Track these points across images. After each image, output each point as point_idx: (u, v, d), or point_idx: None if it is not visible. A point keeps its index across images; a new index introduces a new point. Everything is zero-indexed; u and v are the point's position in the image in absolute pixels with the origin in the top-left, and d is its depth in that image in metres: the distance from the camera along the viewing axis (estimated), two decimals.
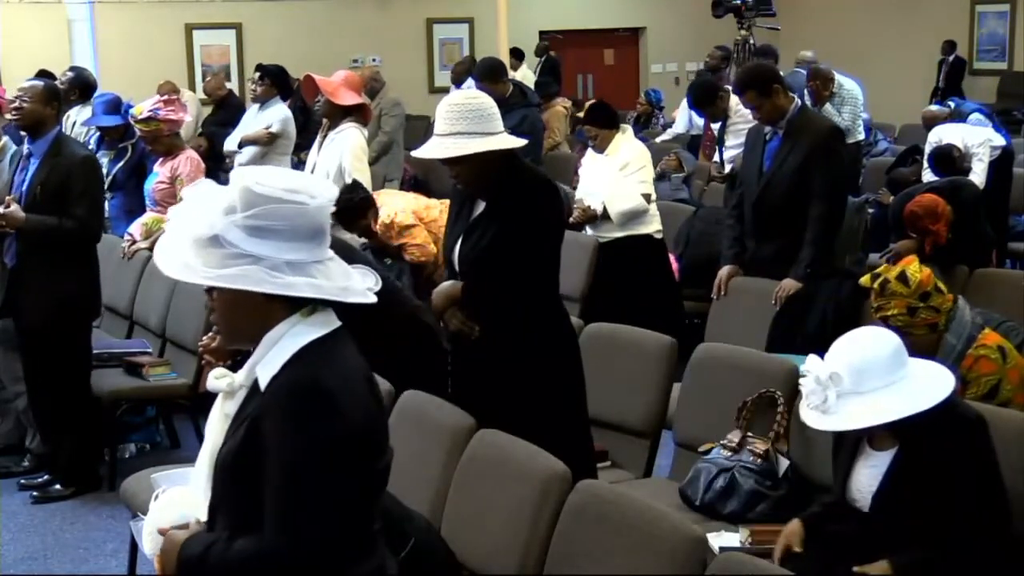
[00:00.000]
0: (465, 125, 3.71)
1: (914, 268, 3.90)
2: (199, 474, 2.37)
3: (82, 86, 8.40)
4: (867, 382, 3.10)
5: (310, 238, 2.24)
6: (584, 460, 3.93)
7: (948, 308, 3.92)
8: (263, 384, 2.23)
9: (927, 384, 3.13)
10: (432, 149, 3.78)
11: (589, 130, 6.81)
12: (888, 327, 3.92)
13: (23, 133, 5.52)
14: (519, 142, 3.87)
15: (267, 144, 8.15)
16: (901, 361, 3.16)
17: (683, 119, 10.87)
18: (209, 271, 2.19)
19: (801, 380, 3.24)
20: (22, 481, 5.64)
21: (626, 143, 6.71)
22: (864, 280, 4.02)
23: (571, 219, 6.71)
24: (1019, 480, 3.36)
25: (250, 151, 8.16)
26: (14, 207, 5.27)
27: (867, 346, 3.16)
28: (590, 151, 6.93)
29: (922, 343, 3.83)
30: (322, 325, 2.28)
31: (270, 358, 2.24)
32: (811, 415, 3.18)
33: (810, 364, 3.22)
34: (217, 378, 2.33)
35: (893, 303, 3.87)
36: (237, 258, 2.19)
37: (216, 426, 2.35)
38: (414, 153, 3.91)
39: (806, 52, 11.41)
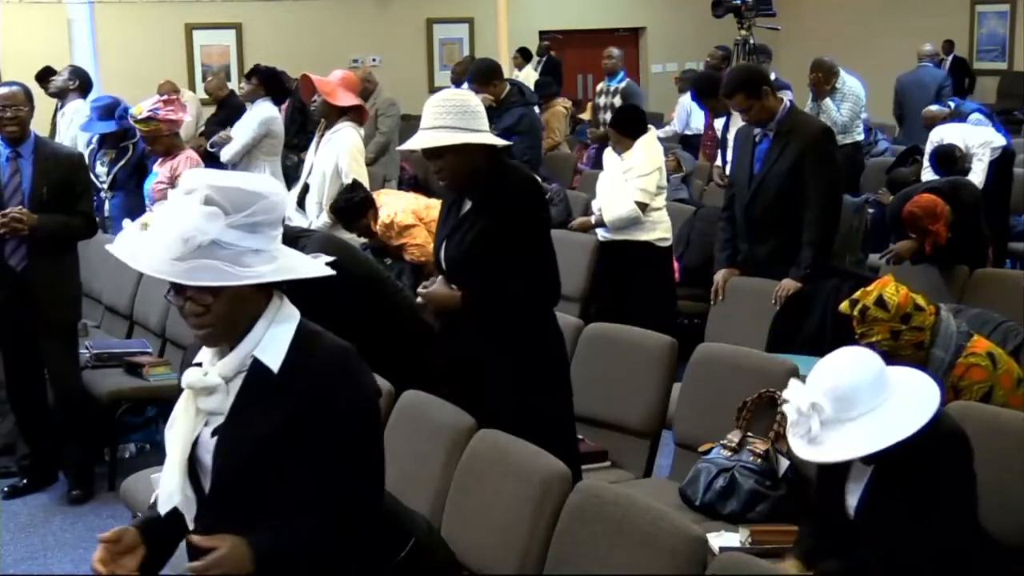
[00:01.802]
0: (448, 120, 3.75)
1: (890, 290, 3.86)
2: (172, 474, 2.40)
3: (83, 78, 8.60)
4: (853, 409, 2.98)
5: (279, 226, 2.38)
6: (570, 458, 3.91)
7: (932, 323, 3.88)
8: (275, 367, 2.33)
9: (913, 403, 3.02)
10: (415, 141, 3.83)
11: (611, 132, 6.78)
12: (874, 351, 3.92)
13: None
14: (501, 141, 3.90)
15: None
16: (884, 382, 3.04)
17: (680, 119, 10.86)
18: (249, 271, 2.28)
19: (784, 406, 3.14)
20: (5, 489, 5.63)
21: (640, 147, 6.55)
22: (843, 307, 3.96)
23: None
24: (1018, 482, 3.36)
25: (232, 150, 8.04)
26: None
27: (849, 372, 3.02)
28: (610, 148, 6.90)
29: (911, 360, 3.79)
30: (293, 306, 2.42)
31: (267, 343, 2.35)
32: (799, 444, 3.06)
33: (790, 393, 3.10)
34: (206, 374, 2.39)
35: (876, 329, 3.84)
36: (249, 254, 2.29)
37: (187, 424, 2.41)
38: (399, 147, 3.97)
39: (926, 46, 11.33)
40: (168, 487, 2.41)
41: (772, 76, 9.03)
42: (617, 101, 9.91)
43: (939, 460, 3.03)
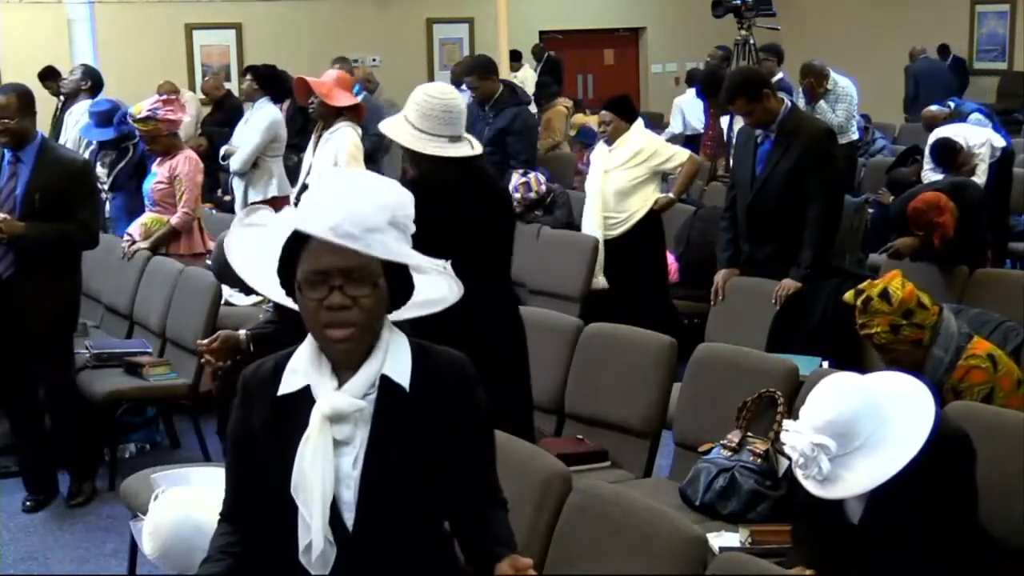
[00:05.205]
0: (417, 120, 4.04)
1: (896, 284, 3.85)
2: (315, 518, 2.16)
3: (95, 78, 8.63)
4: (857, 438, 2.94)
5: None
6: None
7: (933, 322, 3.87)
8: (406, 383, 2.20)
9: (913, 413, 2.98)
10: (386, 123, 4.11)
11: (604, 115, 6.76)
12: (872, 344, 3.91)
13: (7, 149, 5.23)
14: (434, 151, 4.09)
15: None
16: (878, 402, 2.98)
17: (677, 120, 10.84)
18: (429, 260, 2.23)
19: (786, 447, 3.08)
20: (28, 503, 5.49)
21: (635, 135, 6.71)
22: (847, 297, 3.95)
23: (657, 206, 6.73)
24: (1018, 481, 3.36)
25: (240, 158, 8.01)
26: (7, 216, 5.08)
27: (843, 403, 2.96)
28: (599, 145, 6.90)
29: (907, 358, 3.78)
30: None
31: (392, 359, 2.21)
32: (812, 485, 3.02)
33: (789, 437, 3.05)
34: (357, 397, 2.19)
35: (876, 321, 3.83)
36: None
37: (327, 459, 2.16)
38: (381, 125, 4.23)
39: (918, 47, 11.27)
40: (314, 531, 2.16)
41: (780, 76, 9.06)
42: None
43: (943, 464, 3.01)
